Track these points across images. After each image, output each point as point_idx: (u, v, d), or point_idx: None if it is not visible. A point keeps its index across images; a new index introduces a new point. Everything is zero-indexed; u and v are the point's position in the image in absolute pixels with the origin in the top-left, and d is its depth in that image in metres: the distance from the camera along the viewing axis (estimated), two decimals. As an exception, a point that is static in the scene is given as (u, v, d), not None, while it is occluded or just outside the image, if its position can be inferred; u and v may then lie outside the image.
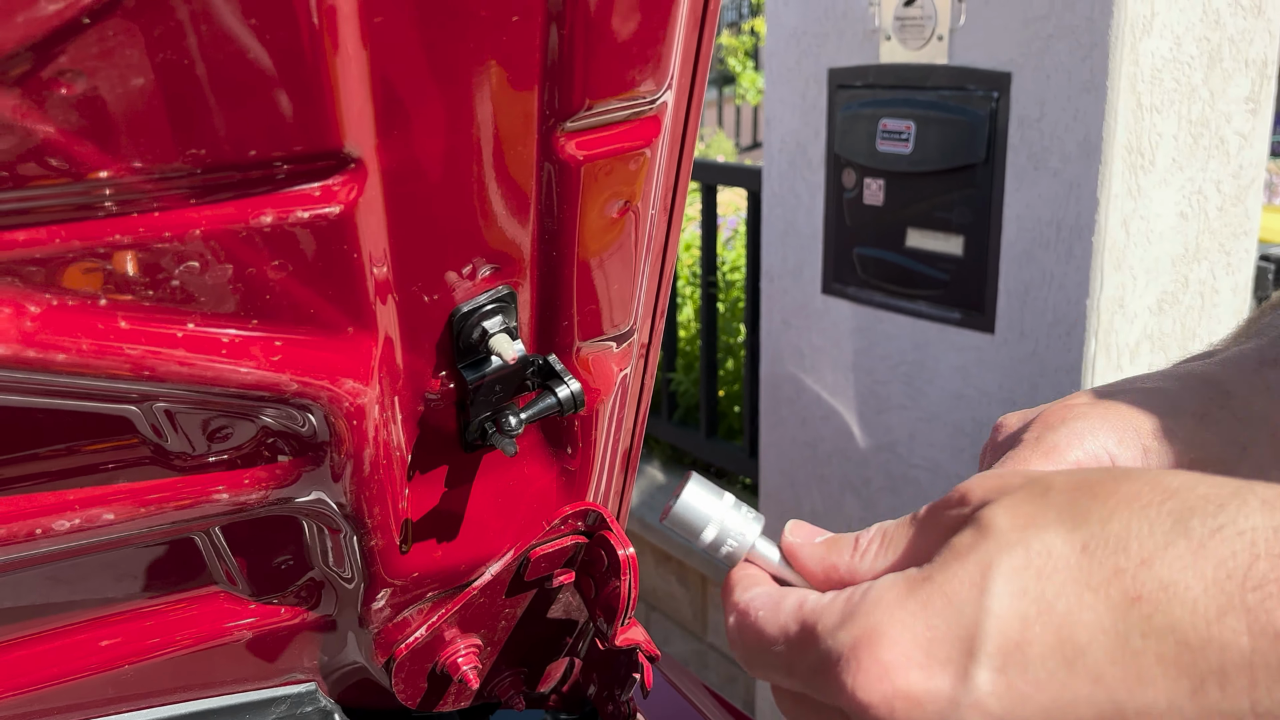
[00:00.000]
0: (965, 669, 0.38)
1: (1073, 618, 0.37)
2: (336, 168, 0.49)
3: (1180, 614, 0.36)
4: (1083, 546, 0.38)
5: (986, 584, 0.38)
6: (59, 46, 0.38)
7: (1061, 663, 0.37)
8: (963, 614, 0.38)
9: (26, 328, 0.46)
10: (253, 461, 0.60)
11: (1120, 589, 0.37)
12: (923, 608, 0.39)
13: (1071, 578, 0.37)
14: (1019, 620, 0.37)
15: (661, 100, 0.61)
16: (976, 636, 0.38)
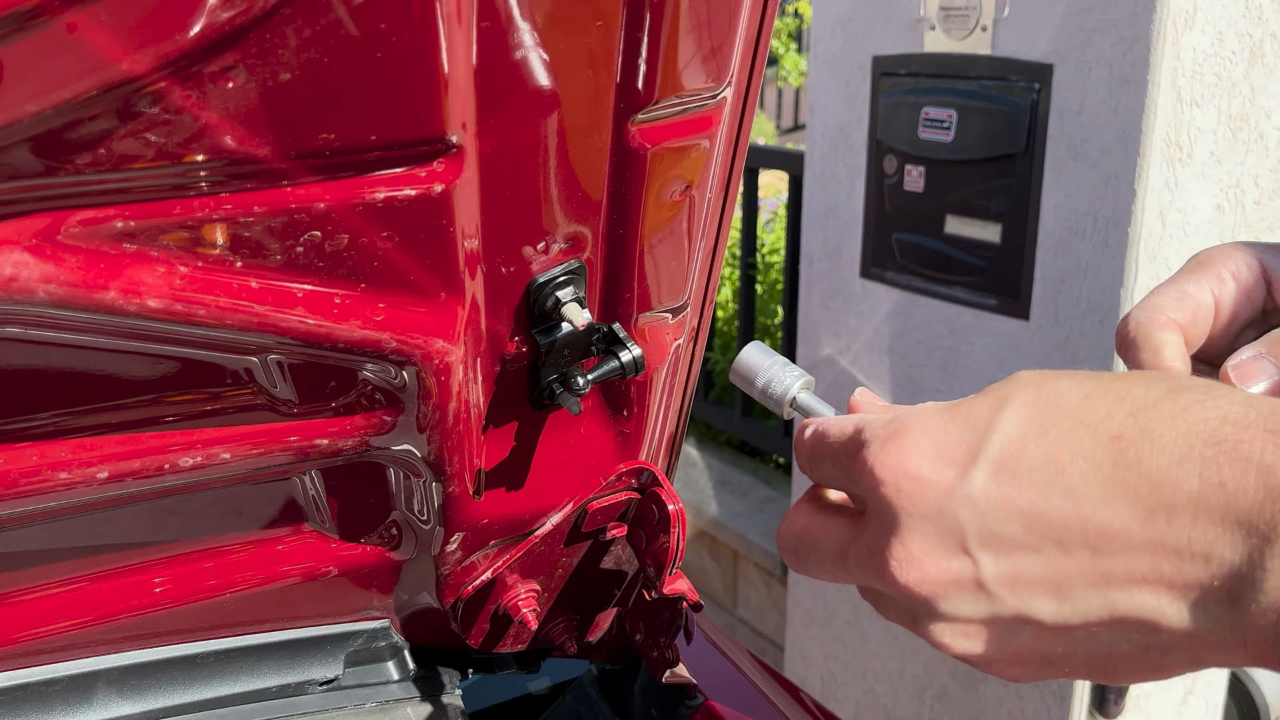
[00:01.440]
0: (966, 469, 0.45)
1: (1062, 444, 0.43)
2: (441, 152, 0.56)
3: (1148, 454, 0.42)
4: (1087, 395, 0.45)
5: (1001, 410, 0.46)
6: (226, 48, 0.45)
7: (1044, 476, 0.43)
8: (975, 428, 0.46)
9: (176, 285, 0.53)
10: (351, 411, 0.68)
11: (1107, 429, 0.43)
12: (948, 421, 0.47)
13: (1069, 414, 0.44)
14: (1018, 439, 0.44)
15: (722, 95, 0.67)
16: (982, 446, 0.45)
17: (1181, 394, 0.43)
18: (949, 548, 0.45)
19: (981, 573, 0.45)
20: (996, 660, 0.48)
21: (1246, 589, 0.40)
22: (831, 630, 2.50)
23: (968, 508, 0.45)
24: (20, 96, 0.45)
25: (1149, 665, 0.45)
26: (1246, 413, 0.41)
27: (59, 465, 0.62)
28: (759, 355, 0.64)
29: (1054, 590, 0.44)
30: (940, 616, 0.47)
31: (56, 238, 0.51)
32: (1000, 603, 0.45)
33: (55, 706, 0.73)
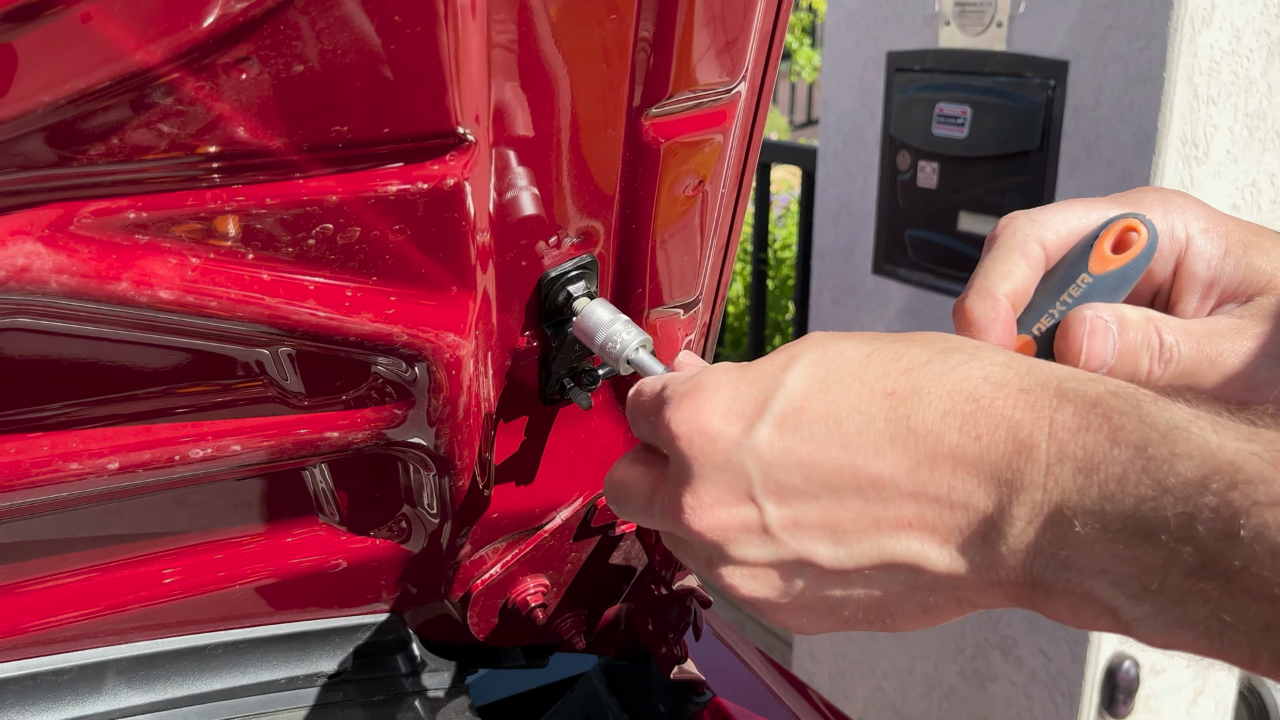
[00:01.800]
0: (753, 422, 0.48)
1: (841, 399, 0.47)
2: (453, 145, 0.56)
3: (917, 409, 0.45)
4: (868, 355, 0.48)
5: (788, 368, 0.49)
6: (239, 39, 0.45)
7: (823, 429, 0.47)
8: (764, 385, 0.49)
9: (188, 277, 0.53)
10: (361, 404, 0.68)
11: (882, 386, 0.46)
12: (739, 379, 0.50)
13: (850, 372, 0.47)
14: (802, 395, 0.48)
15: (736, 90, 0.67)
16: (768, 401, 0.48)
17: (950, 355, 0.46)
18: (737, 496, 0.48)
19: (766, 519, 0.48)
20: (782, 605, 0.51)
21: (996, 534, 0.43)
22: (839, 627, 2.50)
23: (753, 458, 0.48)
24: (34, 86, 0.45)
25: (918, 605, 0.48)
26: (1005, 373, 0.45)
27: (70, 456, 0.62)
28: (602, 312, 0.66)
29: (831, 534, 0.47)
30: (730, 560, 0.50)
31: (69, 228, 0.51)
32: (783, 546, 0.48)
33: (65, 696, 0.73)
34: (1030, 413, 0.43)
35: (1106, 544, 0.40)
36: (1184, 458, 0.39)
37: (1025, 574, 0.43)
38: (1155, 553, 0.39)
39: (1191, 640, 0.39)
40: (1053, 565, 0.42)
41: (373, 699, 0.86)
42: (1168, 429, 0.40)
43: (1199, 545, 0.37)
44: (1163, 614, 0.39)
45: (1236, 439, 0.39)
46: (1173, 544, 0.38)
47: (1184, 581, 0.38)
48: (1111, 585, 0.40)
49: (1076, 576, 0.41)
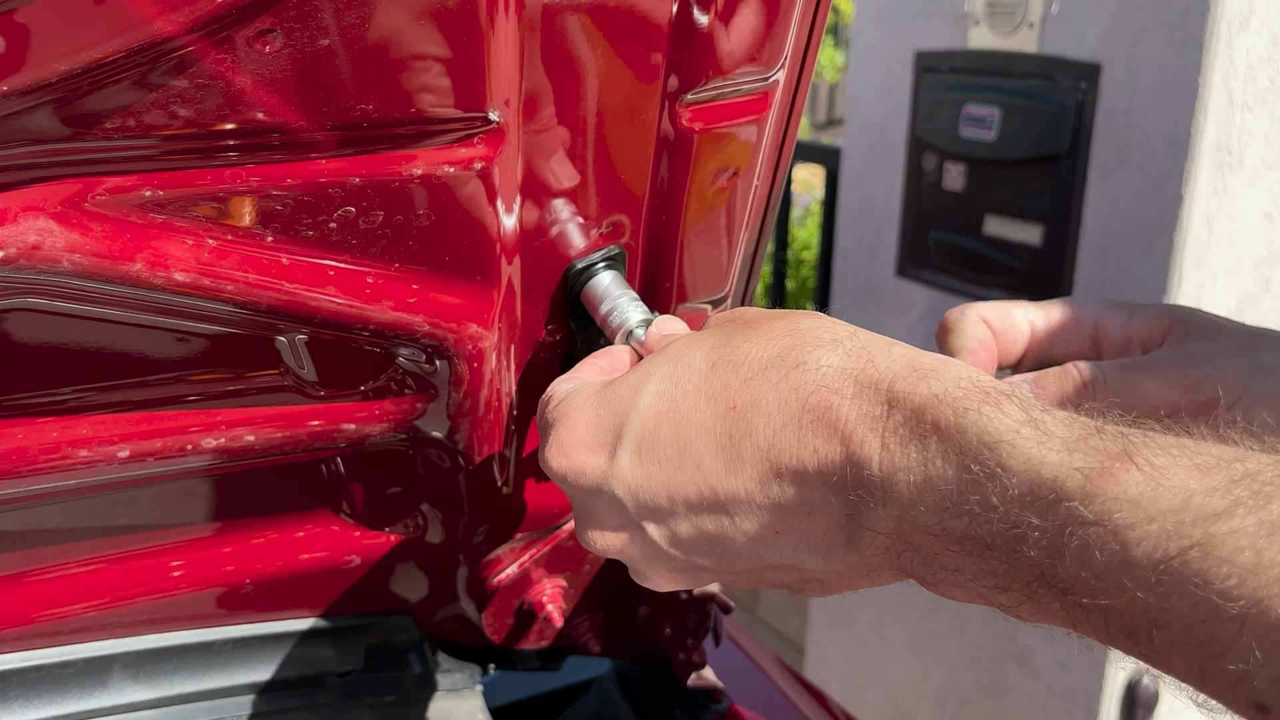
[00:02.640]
0: (614, 451, 0.49)
1: (689, 418, 0.47)
2: (481, 129, 0.53)
3: (758, 423, 0.45)
4: (712, 365, 0.48)
5: (641, 387, 0.49)
6: (263, 10, 0.43)
7: (676, 451, 0.47)
8: (620, 409, 0.49)
9: (204, 259, 0.51)
10: (380, 396, 0.65)
11: (725, 400, 0.47)
12: (599, 402, 0.51)
13: (695, 387, 0.48)
14: (654, 416, 0.48)
15: (774, 79, 0.64)
16: (624, 427, 0.49)
17: (788, 354, 0.46)
18: (620, 521, 0.50)
19: (650, 537, 0.49)
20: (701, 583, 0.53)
21: (855, 537, 0.44)
22: (853, 634, 2.47)
23: (620, 486, 0.49)
24: (50, 55, 0.43)
25: (815, 589, 0.49)
26: (839, 379, 0.44)
27: (79, 442, 0.60)
28: (611, 284, 0.64)
29: (709, 545, 0.48)
30: (639, 574, 0.53)
31: (83, 205, 0.49)
32: (674, 558, 0.50)
33: (70, 689, 0.72)
34: (862, 425, 0.43)
35: (953, 554, 0.41)
36: (1009, 474, 0.38)
37: (895, 566, 0.44)
38: (996, 561, 0.39)
39: (1056, 623, 0.40)
40: (916, 561, 0.43)
41: (384, 699, 0.83)
42: (993, 443, 0.39)
43: (1030, 562, 0.38)
44: (1021, 606, 0.40)
45: (1060, 451, 0.38)
46: (1009, 556, 0.39)
47: (1029, 584, 0.39)
48: (971, 580, 0.41)
49: (940, 571, 0.42)
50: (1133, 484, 0.36)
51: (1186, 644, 0.34)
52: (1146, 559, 0.34)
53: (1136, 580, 0.35)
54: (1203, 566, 0.33)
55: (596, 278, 0.65)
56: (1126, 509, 0.35)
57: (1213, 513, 0.34)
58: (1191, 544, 0.34)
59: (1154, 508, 0.35)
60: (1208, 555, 0.33)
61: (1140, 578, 0.35)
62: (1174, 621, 0.34)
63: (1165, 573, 0.34)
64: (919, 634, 2.29)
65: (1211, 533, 0.34)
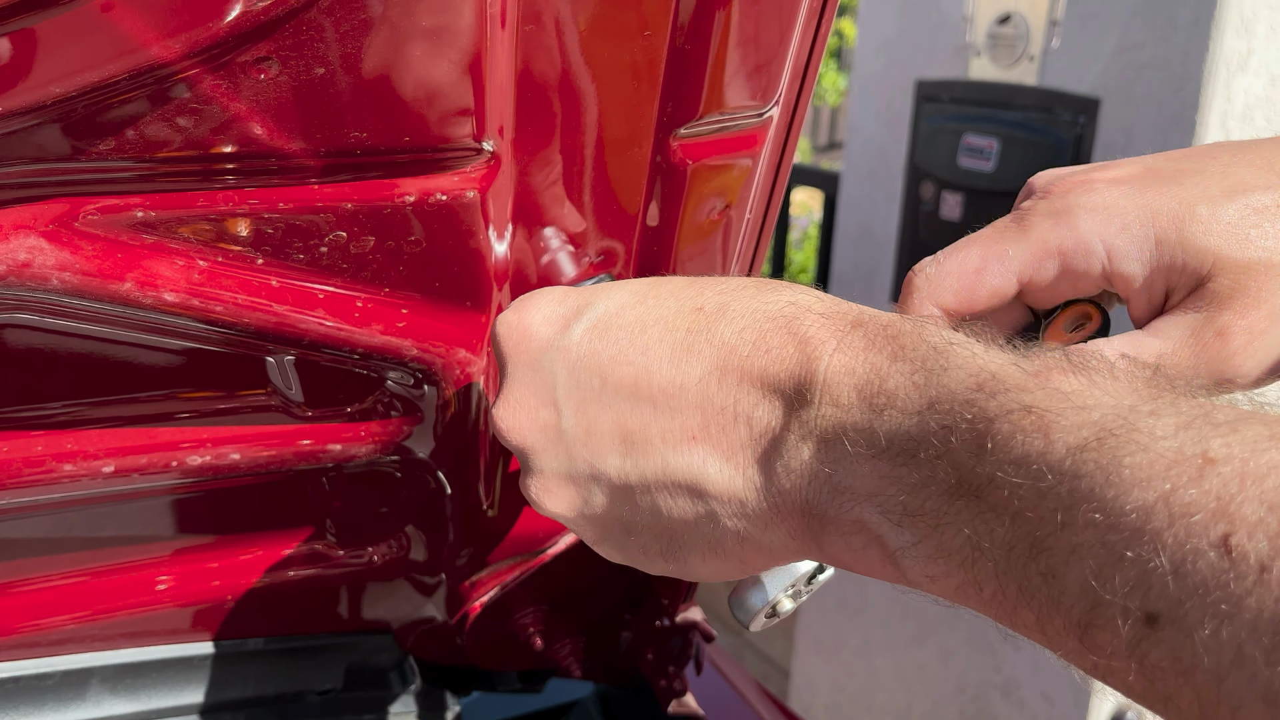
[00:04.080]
0: (568, 326, 0.49)
1: (653, 310, 0.47)
2: (474, 157, 0.54)
3: (719, 324, 0.45)
4: (691, 280, 0.49)
5: (618, 286, 0.50)
6: (260, 38, 0.43)
7: (629, 334, 0.47)
8: (589, 297, 0.50)
9: (195, 279, 0.51)
10: (367, 417, 0.66)
11: (694, 303, 0.47)
12: (569, 290, 0.51)
13: (670, 292, 0.48)
14: (619, 305, 0.48)
15: (768, 114, 0.65)
16: (587, 309, 0.49)
17: (768, 285, 0.47)
18: (540, 399, 0.49)
19: (563, 423, 0.48)
20: (582, 526, 0.51)
21: (774, 451, 0.42)
22: (840, 659, 2.47)
23: (561, 360, 0.48)
24: (46, 77, 0.44)
25: (704, 540, 0.46)
26: (811, 300, 0.45)
27: (64, 457, 0.60)
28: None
29: (621, 444, 0.46)
30: (532, 470, 0.50)
31: (74, 224, 0.50)
32: (576, 455, 0.48)
33: (47, 701, 0.71)
34: (822, 331, 0.43)
35: (874, 464, 0.39)
36: (953, 370, 0.38)
37: (801, 500, 0.42)
38: (916, 472, 0.38)
39: (948, 573, 0.38)
40: (826, 489, 0.41)
41: (363, 718, 0.83)
42: (943, 346, 0.39)
43: (954, 460, 0.37)
44: (922, 542, 0.38)
45: (1004, 355, 0.38)
46: (932, 461, 0.37)
47: (941, 503, 0.37)
48: (879, 510, 0.39)
49: (848, 502, 0.40)
50: (1067, 382, 0.36)
51: (1085, 549, 0.32)
52: (1065, 445, 0.34)
53: (1052, 465, 0.34)
54: (1119, 453, 0.33)
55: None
56: (1057, 399, 0.35)
57: (1137, 409, 0.34)
58: (1110, 432, 0.33)
59: (1082, 400, 0.35)
60: (1124, 442, 0.33)
61: (1056, 463, 0.34)
62: (1078, 518, 0.33)
63: (1081, 458, 0.33)
64: (905, 663, 2.28)
65: (1133, 423, 0.33)
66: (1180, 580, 0.30)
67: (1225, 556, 0.29)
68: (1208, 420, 0.32)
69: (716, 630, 0.93)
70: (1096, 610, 0.32)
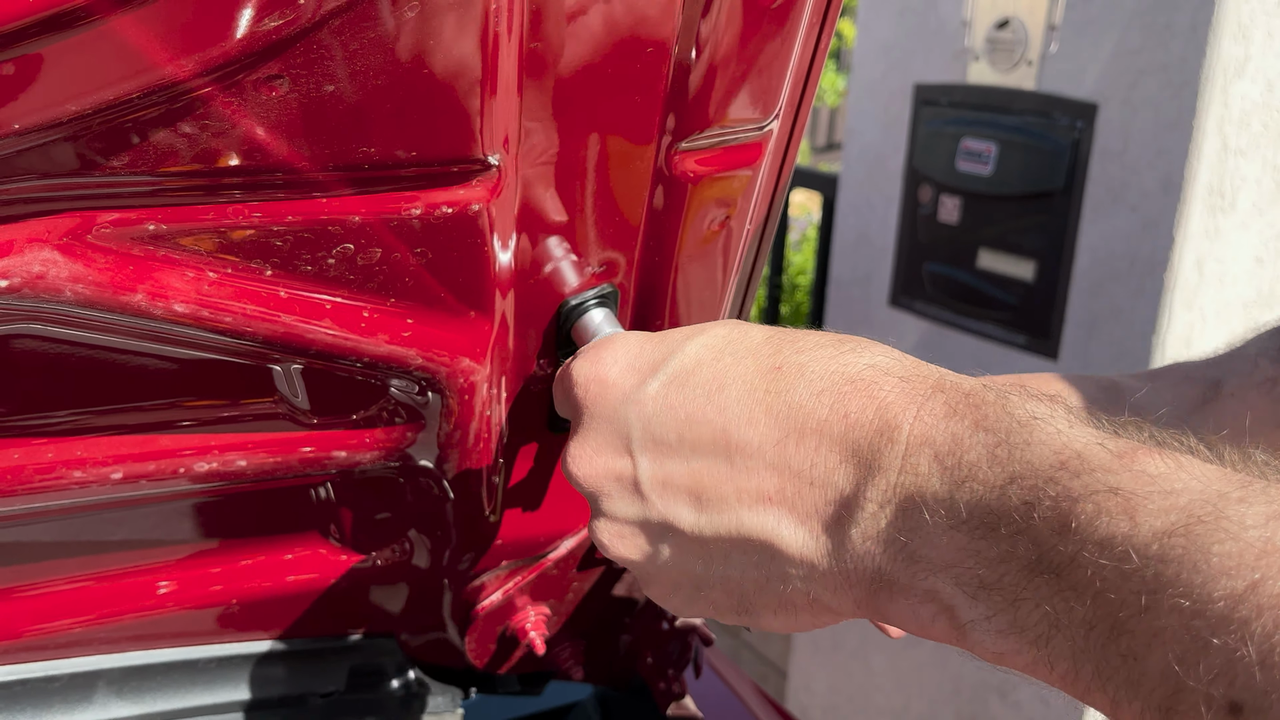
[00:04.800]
0: (646, 379, 0.49)
1: (731, 368, 0.47)
2: (479, 172, 0.55)
3: (798, 385, 0.45)
4: (769, 337, 0.49)
5: (694, 337, 0.50)
6: (270, 57, 0.44)
7: (706, 393, 0.47)
8: (666, 349, 0.50)
9: (204, 291, 0.52)
10: (371, 425, 0.67)
11: (772, 361, 0.47)
12: (645, 339, 0.52)
13: (748, 349, 0.48)
14: (697, 359, 0.49)
15: (769, 128, 0.66)
16: (664, 362, 0.49)
17: (846, 343, 0.47)
18: (616, 448, 0.49)
19: (639, 473, 0.48)
20: (652, 576, 0.51)
21: (849, 516, 0.42)
22: (837, 661, 2.48)
23: (637, 411, 0.49)
24: (62, 95, 0.44)
25: (775, 597, 0.46)
26: (889, 362, 0.45)
27: (74, 463, 0.61)
28: (601, 320, 0.65)
29: (695, 498, 0.47)
30: (603, 514, 0.51)
31: (87, 237, 0.50)
32: (650, 505, 0.48)
33: (54, 704, 0.72)
34: (902, 397, 0.42)
35: (952, 535, 0.39)
36: (1036, 445, 0.38)
37: (873, 566, 0.42)
38: (996, 546, 0.38)
39: (1021, 649, 0.38)
40: (900, 558, 0.41)
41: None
42: (1027, 419, 0.39)
43: (1035, 537, 0.37)
44: (996, 616, 0.38)
45: (1088, 433, 0.39)
46: (1012, 536, 0.37)
47: (1019, 577, 0.37)
48: (953, 582, 0.39)
49: (921, 572, 0.40)
50: (1153, 464, 0.36)
51: (1170, 634, 0.32)
52: (1151, 529, 0.34)
53: (1138, 548, 0.34)
54: (1206, 540, 0.32)
55: (588, 314, 0.66)
56: (1144, 481, 0.35)
57: (1226, 495, 0.34)
58: (1199, 518, 0.33)
59: (1169, 484, 0.35)
60: (1214, 530, 0.32)
61: (1142, 546, 0.33)
62: (1163, 602, 0.33)
63: (1169, 543, 0.33)
64: (902, 664, 2.29)
65: (1222, 510, 0.33)
66: (1267, 671, 0.30)
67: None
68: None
69: (715, 632, 0.94)
70: (1178, 696, 0.32)
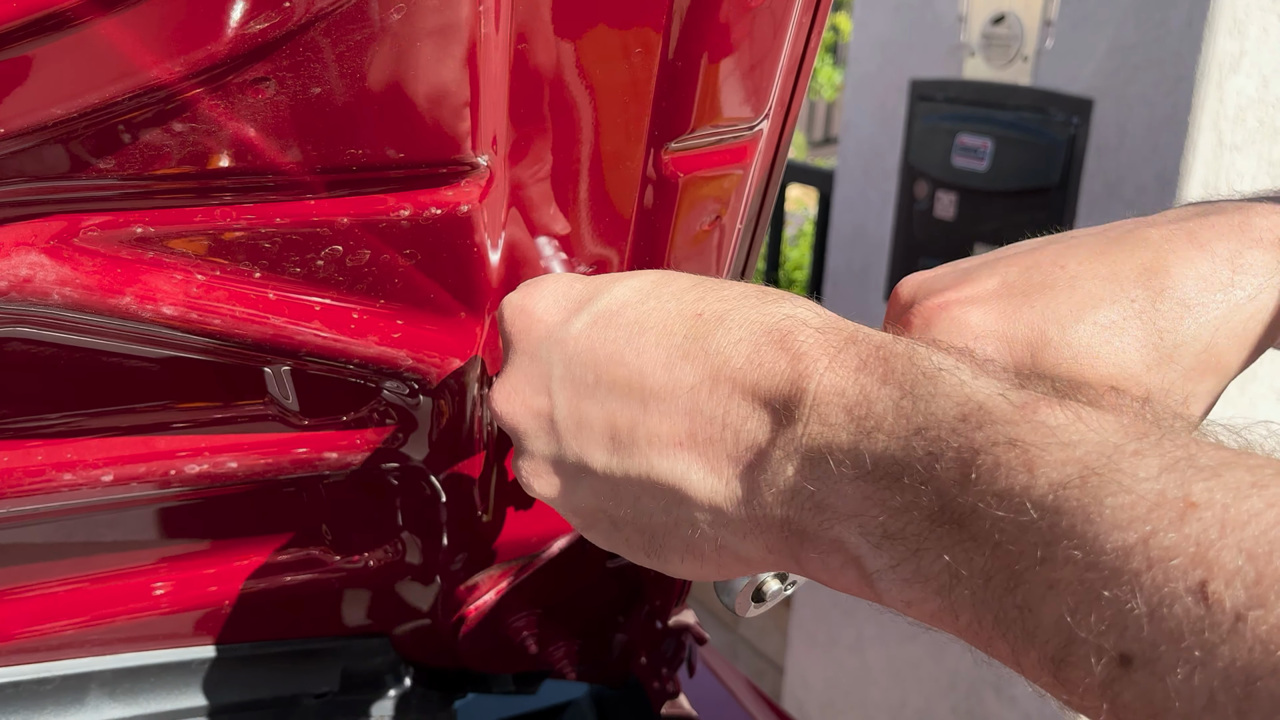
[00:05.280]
0: (571, 315, 0.49)
1: (654, 311, 0.48)
2: (468, 173, 0.55)
3: (717, 332, 0.45)
4: (696, 283, 0.49)
5: (622, 280, 0.50)
6: (257, 59, 0.44)
7: (627, 333, 0.47)
8: (595, 287, 0.50)
9: (193, 293, 0.52)
10: (362, 426, 0.66)
11: (695, 308, 0.47)
12: (576, 278, 0.52)
13: (672, 292, 0.48)
14: (623, 301, 0.49)
15: (759, 127, 0.66)
16: (590, 301, 0.49)
17: (769, 295, 0.47)
18: (536, 386, 0.50)
19: (555, 412, 0.49)
20: (571, 512, 0.51)
21: (759, 464, 0.43)
22: (833, 656, 2.48)
23: (559, 350, 0.49)
24: (48, 99, 0.44)
25: (683, 541, 0.47)
26: (808, 315, 0.45)
27: (64, 466, 0.61)
28: None
29: (609, 440, 0.47)
30: (524, 452, 0.51)
31: (74, 240, 0.50)
32: (565, 445, 0.49)
33: (47, 706, 0.72)
34: (815, 348, 0.43)
35: (858, 485, 0.39)
36: (940, 397, 0.38)
37: (781, 516, 0.42)
38: (900, 495, 0.38)
39: (924, 598, 0.38)
40: (808, 507, 0.41)
41: (359, 721, 0.84)
42: (932, 371, 0.40)
43: (938, 487, 0.37)
44: (901, 565, 0.38)
45: (991, 384, 0.39)
46: (916, 486, 0.37)
47: (922, 527, 0.37)
48: (859, 531, 0.39)
49: (828, 521, 0.40)
50: (1053, 416, 0.36)
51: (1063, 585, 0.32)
52: (1048, 481, 0.34)
53: (1035, 500, 0.34)
54: (1100, 492, 0.33)
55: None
56: (1042, 433, 0.35)
57: (1121, 448, 0.34)
58: (1094, 470, 0.33)
59: (1067, 436, 0.35)
60: (1107, 482, 0.33)
61: (1039, 499, 0.34)
62: (1057, 554, 0.33)
63: (1063, 495, 0.33)
64: (898, 659, 2.30)
65: (1116, 463, 0.33)
66: (1156, 624, 0.30)
67: (1202, 603, 0.29)
68: (1191, 463, 0.32)
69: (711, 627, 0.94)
70: (1070, 647, 0.32)
